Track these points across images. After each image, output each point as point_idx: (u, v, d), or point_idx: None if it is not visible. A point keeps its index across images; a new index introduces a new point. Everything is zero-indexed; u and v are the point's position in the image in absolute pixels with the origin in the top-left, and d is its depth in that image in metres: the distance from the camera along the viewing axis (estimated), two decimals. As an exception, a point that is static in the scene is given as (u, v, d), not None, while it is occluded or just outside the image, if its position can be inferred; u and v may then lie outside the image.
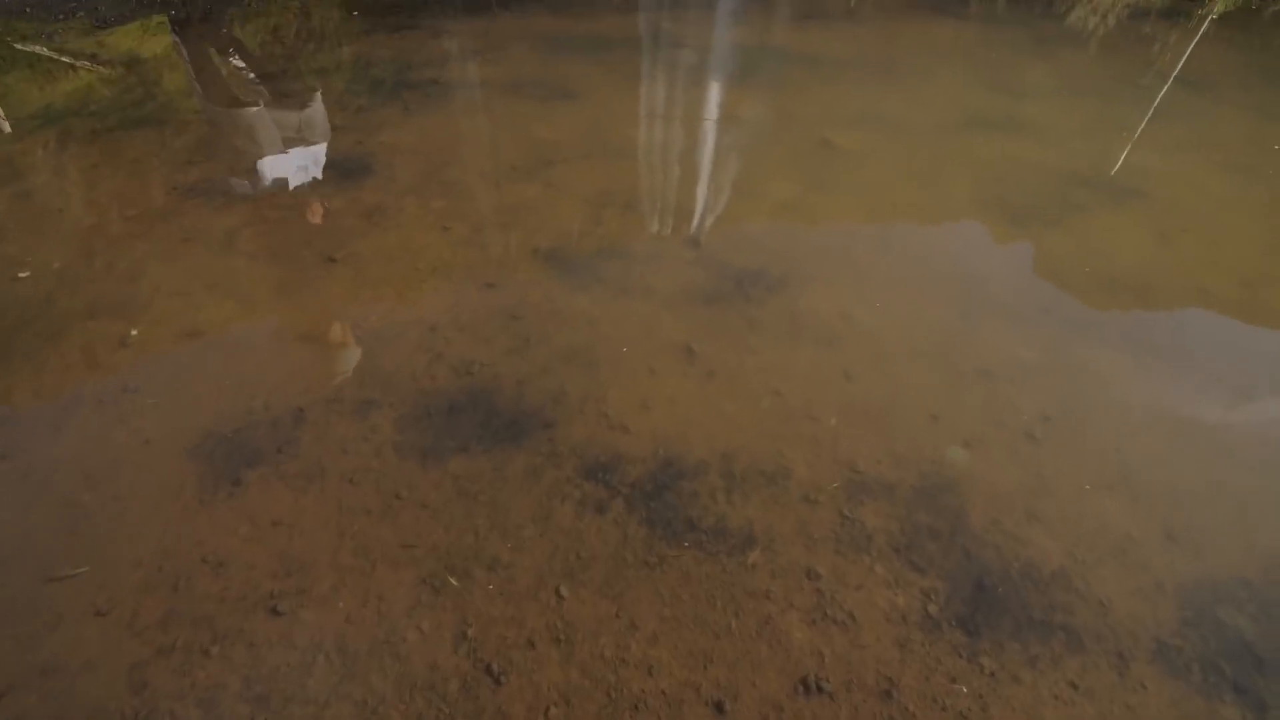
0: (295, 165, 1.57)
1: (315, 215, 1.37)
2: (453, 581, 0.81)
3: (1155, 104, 1.85)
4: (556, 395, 1.03)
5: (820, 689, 0.72)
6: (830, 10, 2.29)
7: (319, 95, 1.81)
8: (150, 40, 2.24)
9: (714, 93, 1.81)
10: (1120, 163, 1.61)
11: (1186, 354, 1.15)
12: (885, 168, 1.55)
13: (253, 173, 1.54)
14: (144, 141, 1.66)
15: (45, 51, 2.07)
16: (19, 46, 2.11)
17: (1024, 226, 1.39)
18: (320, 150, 1.62)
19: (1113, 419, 1.03)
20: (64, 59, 2.12)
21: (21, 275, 1.24)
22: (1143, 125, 1.76)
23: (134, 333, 1.15)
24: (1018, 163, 1.60)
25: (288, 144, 1.64)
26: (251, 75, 1.97)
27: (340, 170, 1.54)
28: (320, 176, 1.54)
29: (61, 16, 2.39)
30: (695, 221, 1.37)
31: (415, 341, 1.13)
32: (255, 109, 1.77)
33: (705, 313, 1.17)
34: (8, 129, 1.72)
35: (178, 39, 2.16)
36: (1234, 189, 1.56)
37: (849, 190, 1.47)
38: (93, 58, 2.22)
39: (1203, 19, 2.44)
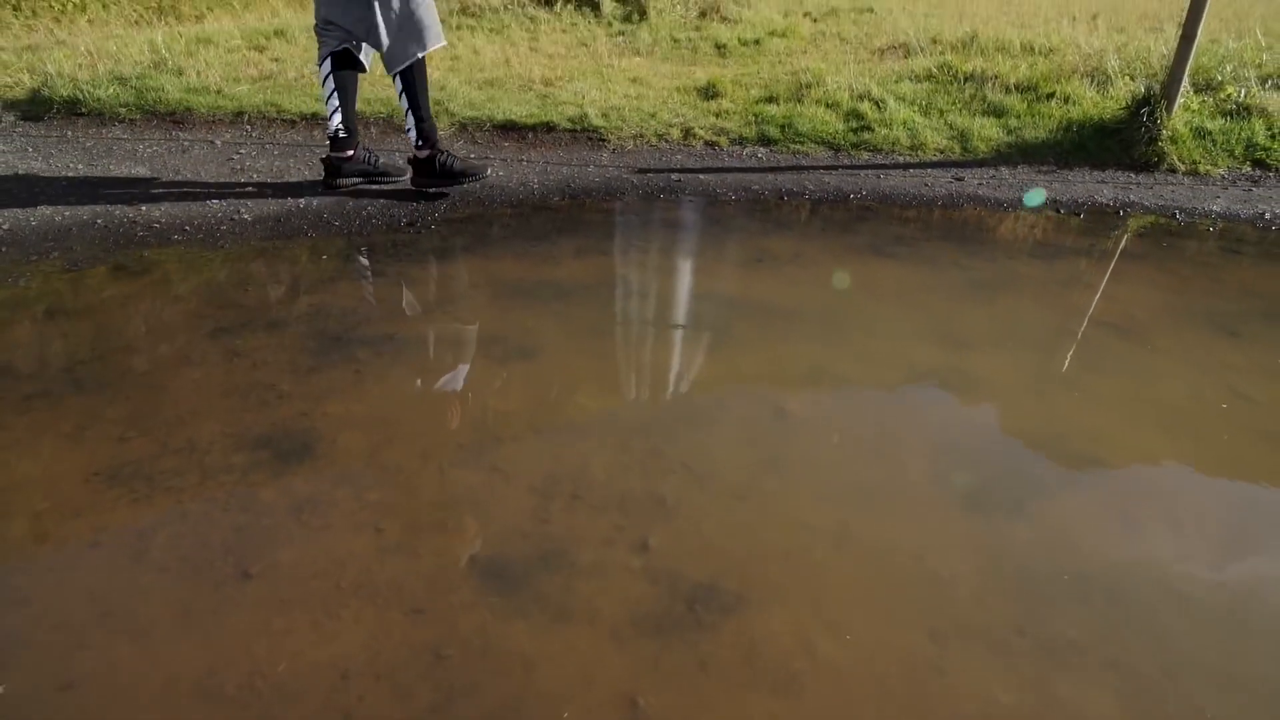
0: (238, 440, 1.51)
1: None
2: None
3: (1092, 356, 1.91)
4: (478, 781, 0.89)
5: None
6: (778, 253, 2.42)
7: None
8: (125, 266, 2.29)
9: (668, 353, 1.84)
10: (1069, 426, 1.62)
11: (1173, 688, 1.06)
12: (839, 441, 1.53)
13: (187, 450, 1.48)
14: (82, 406, 1.61)
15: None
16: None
17: (985, 514, 1.34)
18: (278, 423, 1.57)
19: (1111, 791, 0.91)
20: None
21: (-108, 602, 1.11)
22: (1084, 380, 1.80)
23: (1, 690, 1.01)
24: (969, 428, 1.59)
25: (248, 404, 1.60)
26: (215, 327, 1.98)
27: (277, 450, 1.48)
28: (261, 456, 1.47)
29: (35, 257, 2.44)
30: (644, 517, 1.31)
31: (322, 697, 0.99)
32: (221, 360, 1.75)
33: (653, 646, 1.07)
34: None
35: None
36: (1187, 456, 1.56)
37: (804, 471, 1.43)
38: (74, 265, 2.24)
39: (1111, 255, 2.62)
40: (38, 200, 2.87)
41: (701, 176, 3.19)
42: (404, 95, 2.72)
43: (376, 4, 2.55)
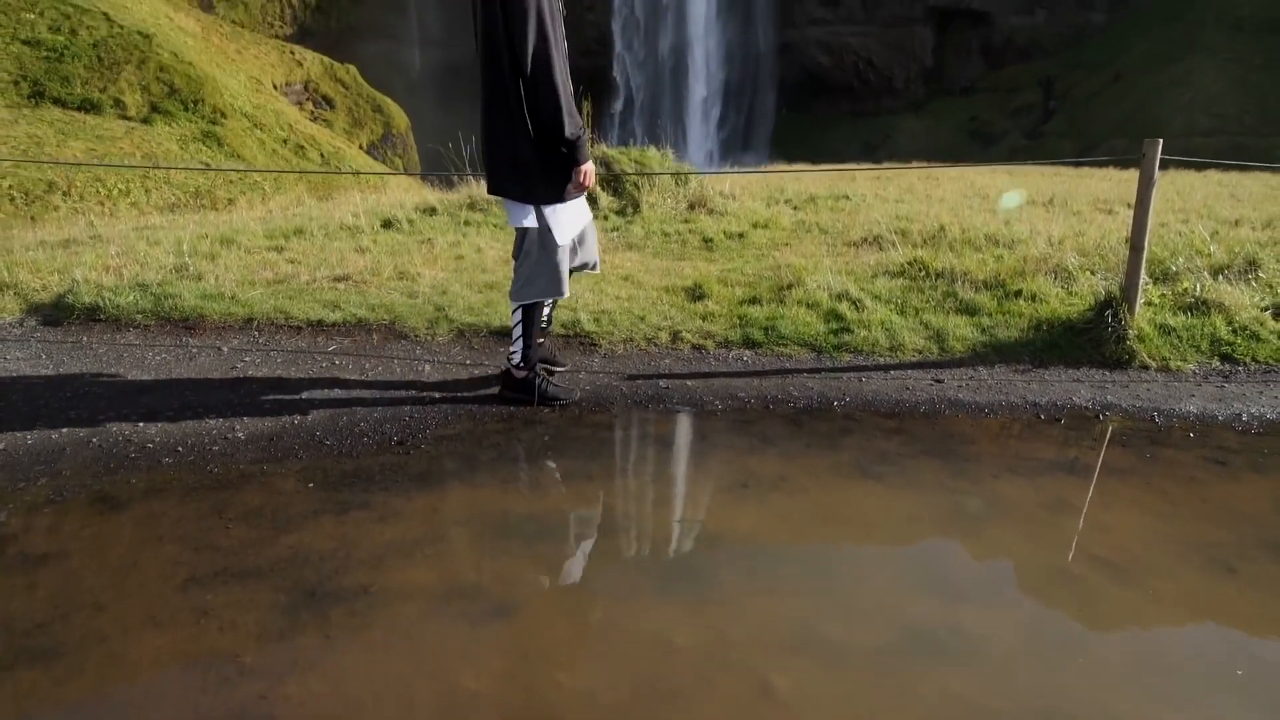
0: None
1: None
2: None
3: (1090, 606, 1.86)
4: None
5: None
6: (763, 476, 2.43)
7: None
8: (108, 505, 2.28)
9: (649, 611, 1.78)
10: (1076, 704, 1.53)
11: None
12: None
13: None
14: (31, 683, 1.52)
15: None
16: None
17: (993, 832, 1.23)
18: None
19: None
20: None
21: None
22: (1085, 640, 1.73)
23: None
24: (967, 707, 1.50)
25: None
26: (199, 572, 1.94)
27: (230, 750, 1.38)
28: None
29: (22, 484, 2.44)
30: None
31: None
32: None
33: None
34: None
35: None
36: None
37: (794, 768, 1.33)
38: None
39: (1095, 470, 2.63)
40: (39, 415, 2.94)
41: (689, 383, 3.29)
42: (519, 324, 2.97)
43: (525, 245, 2.89)
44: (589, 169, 2.75)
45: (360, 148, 22.74)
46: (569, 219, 2.86)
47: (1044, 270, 4.69)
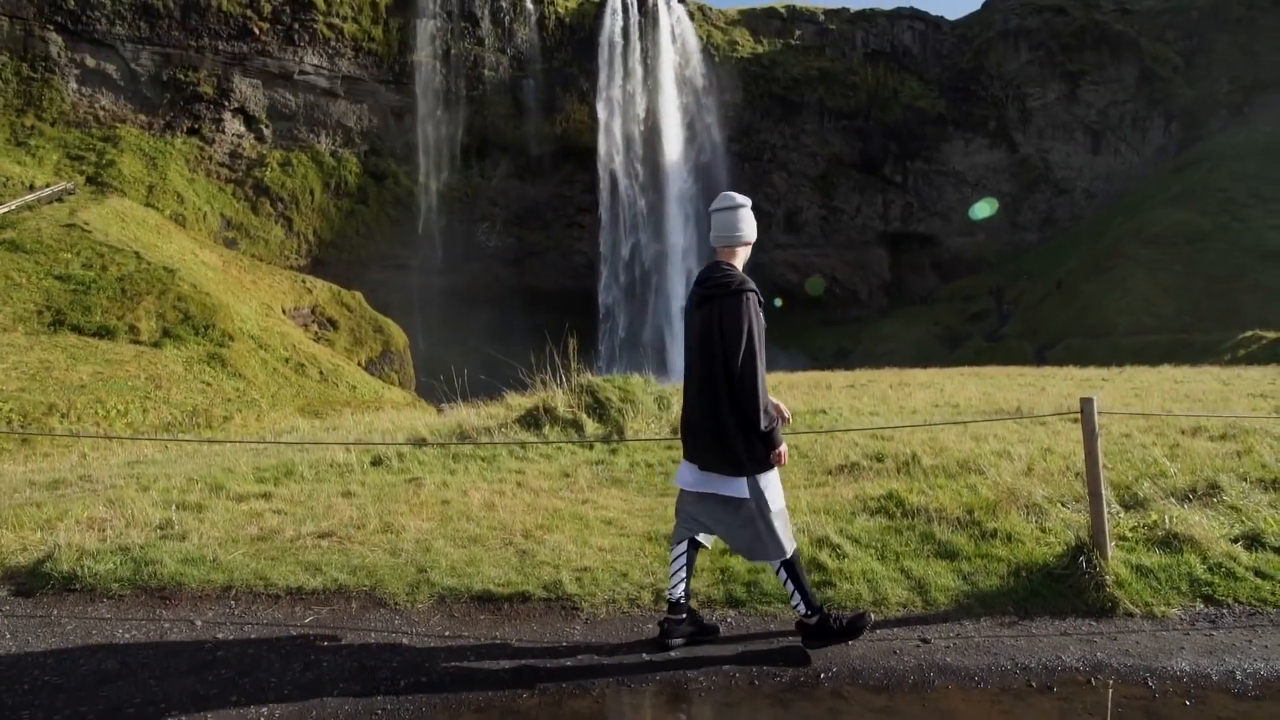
0: None
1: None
2: None
3: None
4: None
5: None
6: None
7: None
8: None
9: None
10: None
11: None
12: None
13: None
14: None
15: None
16: None
17: None
18: None
19: None
20: None
21: None
22: None
23: None
24: None
25: None
26: None
27: None
28: None
29: None
30: None
31: None
32: None
33: None
34: None
35: None
36: None
37: None
38: None
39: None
40: (-13, 718, 2.79)
41: (673, 654, 3.22)
42: (788, 581, 3.21)
43: (743, 516, 3.13)
44: (783, 450, 3.18)
45: (359, 364, 23.78)
46: (777, 486, 3.19)
47: (1016, 505, 4.83)
